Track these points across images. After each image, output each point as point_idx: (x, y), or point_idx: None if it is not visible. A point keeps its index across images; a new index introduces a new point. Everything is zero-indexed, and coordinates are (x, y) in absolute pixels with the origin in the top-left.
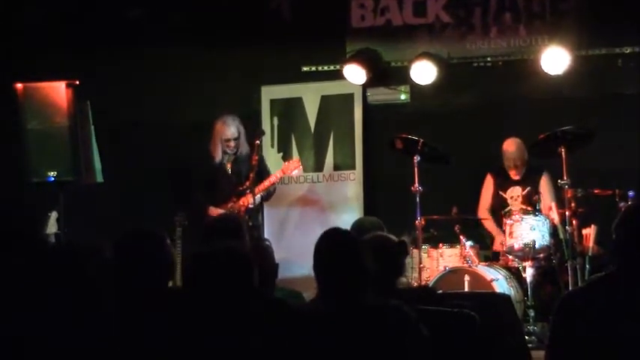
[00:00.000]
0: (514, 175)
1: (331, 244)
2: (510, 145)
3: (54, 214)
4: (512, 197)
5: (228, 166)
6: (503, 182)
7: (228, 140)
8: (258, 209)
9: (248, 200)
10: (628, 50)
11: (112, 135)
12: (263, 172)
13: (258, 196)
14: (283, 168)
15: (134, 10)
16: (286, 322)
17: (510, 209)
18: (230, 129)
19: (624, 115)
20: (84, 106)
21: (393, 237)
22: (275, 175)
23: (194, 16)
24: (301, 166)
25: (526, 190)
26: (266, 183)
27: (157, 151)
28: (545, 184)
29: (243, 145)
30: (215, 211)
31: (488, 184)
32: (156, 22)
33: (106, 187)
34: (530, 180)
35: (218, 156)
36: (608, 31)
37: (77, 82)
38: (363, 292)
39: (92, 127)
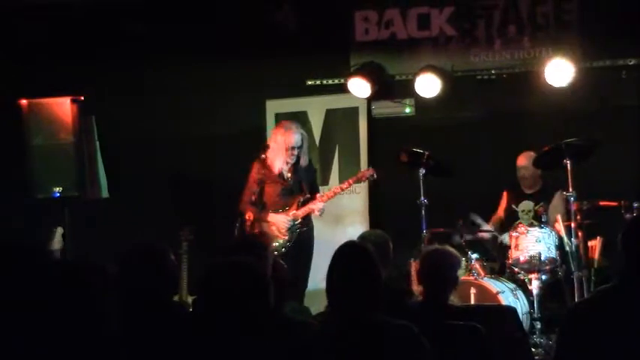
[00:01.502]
0: (527, 189)
1: (346, 258)
2: (522, 160)
3: (59, 230)
4: (523, 210)
5: (289, 175)
6: (517, 196)
7: (293, 148)
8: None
9: (313, 208)
10: (632, 62)
11: (117, 150)
12: (313, 185)
13: (321, 205)
14: (358, 175)
15: (137, 25)
16: (293, 339)
17: (518, 222)
18: (295, 137)
19: (629, 127)
20: (89, 121)
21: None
22: (348, 181)
23: (198, 31)
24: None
25: (539, 206)
26: (336, 190)
27: (162, 166)
28: (558, 201)
29: (305, 152)
30: (274, 217)
31: (504, 200)
32: (160, 37)
33: (112, 202)
34: (544, 196)
35: (277, 165)
36: (612, 42)
37: (82, 98)
38: (374, 307)
39: (97, 143)
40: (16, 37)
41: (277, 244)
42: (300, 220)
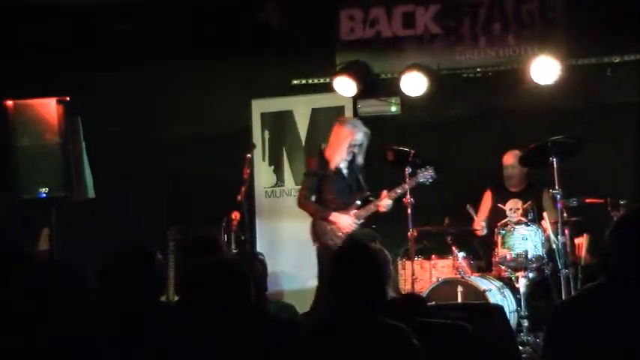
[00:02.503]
0: (513, 188)
1: (351, 257)
2: (509, 158)
3: (45, 231)
4: (511, 209)
5: (346, 172)
6: (503, 195)
7: (354, 146)
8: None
9: (380, 205)
10: (617, 59)
11: (103, 150)
12: (359, 183)
13: (390, 201)
14: (419, 175)
15: (121, 24)
16: (283, 337)
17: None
18: (359, 134)
19: (614, 124)
20: (75, 122)
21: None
22: (409, 181)
23: (184, 30)
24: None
25: (527, 204)
26: (398, 190)
27: (148, 166)
28: (549, 200)
29: (364, 150)
30: (337, 217)
31: (487, 199)
32: (145, 36)
33: (98, 202)
34: (531, 194)
35: (336, 161)
36: (597, 40)
37: (67, 99)
38: (373, 307)
39: (83, 143)
40: (1, 38)
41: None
42: (362, 221)
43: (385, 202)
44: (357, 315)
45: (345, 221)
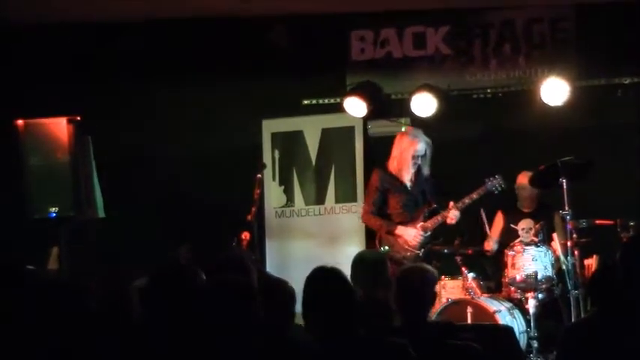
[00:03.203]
0: (525, 209)
1: (317, 283)
2: (523, 179)
3: (55, 250)
4: (523, 229)
5: (411, 185)
6: (515, 216)
7: (417, 157)
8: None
9: (448, 216)
10: (627, 81)
11: (113, 170)
12: (434, 195)
13: (457, 212)
14: (487, 184)
15: (133, 44)
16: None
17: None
18: (421, 145)
19: (624, 145)
20: (85, 141)
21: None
22: (477, 191)
23: (196, 50)
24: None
25: (539, 224)
26: (466, 200)
27: (159, 186)
28: (559, 221)
29: (428, 161)
30: (403, 230)
31: (498, 220)
32: (156, 56)
33: (108, 222)
34: (543, 215)
35: (403, 175)
36: (607, 61)
37: (78, 118)
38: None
39: (93, 163)
40: (11, 58)
41: (407, 259)
42: (429, 233)
43: (453, 214)
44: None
45: (411, 234)
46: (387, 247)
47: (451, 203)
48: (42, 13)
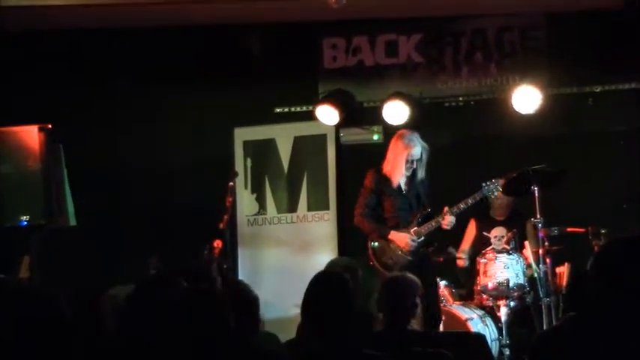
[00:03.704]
0: (498, 216)
1: (322, 288)
2: None
3: (26, 259)
4: (495, 237)
5: (406, 188)
6: (487, 224)
7: (412, 161)
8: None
9: (442, 222)
10: (598, 89)
11: (84, 178)
12: (428, 199)
13: (453, 218)
14: (483, 188)
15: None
16: None
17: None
18: (416, 149)
19: (595, 153)
20: (56, 149)
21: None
22: (473, 196)
23: (166, 58)
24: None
25: (511, 232)
26: (461, 205)
27: (130, 194)
28: (531, 229)
29: (423, 164)
30: (396, 235)
31: (471, 228)
32: (128, 64)
33: (79, 230)
34: (515, 222)
35: (396, 178)
36: (578, 70)
37: (49, 126)
38: (345, 335)
39: (65, 170)
40: None
41: (399, 265)
42: (423, 238)
43: (448, 219)
44: (338, 345)
45: (403, 239)
46: (376, 244)
47: (445, 208)
48: (10, 20)
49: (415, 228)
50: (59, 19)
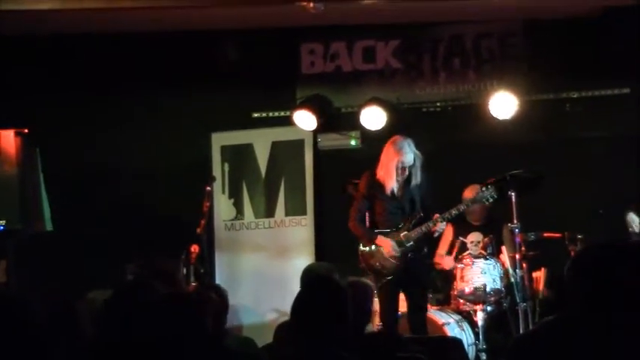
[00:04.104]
0: (474, 221)
1: (318, 291)
2: (470, 192)
3: (2, 264)
4: (472, 242)
5: (400, 193)
6: (464, 229)
7: (404, 168)
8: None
9: (432, 228)
10: (575, 95)
11: (61, 183)
12: (426, 204)
13: (444, 224)
14: (477, 194)
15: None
16: None
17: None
18: (407, 156)
19: (572, 159)
20: (33, 153)
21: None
22: (467, 202)
23: (145, 63)
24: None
25: (488, 238)
26: (453, 211)
27: (107, 199)
28: (508, 234)
29: (417, 171)
30: (383, 240)
31: (448, 233)
32: (105, 69)
33: (56, 235)
34: (492, 228)
35: (389, 184)
36: (555, 76)
37: (26, 131)
38: (336, 340)
39: (41, 175)
40: None
41: (386, 270)
42: (412, 243)
43: (439, 226)
44: (315, 350)
45: (389, 243)
46: (366, 248)
47: (436, 215)
48: None
49: (405, 232)
50: (35, 24)
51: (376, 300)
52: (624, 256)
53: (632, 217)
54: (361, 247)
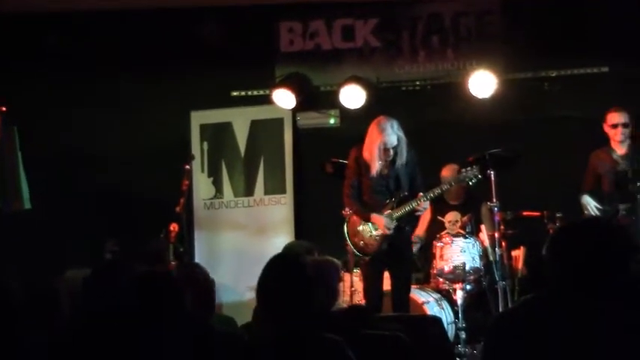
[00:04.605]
0: (452, 200)
1: (278, 270)
2: (448, 171)
3: None
4: (450, 221)
5: (385, 171)
6: (442, 208)
7: (387, 150)
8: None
9: (416, 207)
10: (554, 74)
11: (40, 162)
12: (413, 182)
13: (427, 203)
14: (461, 174)
15: (59, 35)
16: (222, 350)
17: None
18: (390, 138)
19: (551, 138)
20: (11, 132)
21: (330, 259)
22: (450, 181)
23: (123, 42)
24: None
25: (466, 217)
26: (436, 190)
27: (86, 178)
28: (486, 213)
29: (402, 151)
30: (378, 219)
31: (426, 212)
32: (83, 49)
33: (34, 214)
34: (470, 207)
35: (374, 166)
36: (534, 55)
37: (4, 109)
38: (303, 319)
39: (19, 154)
40: None
41: (369, 248)
42: (395, 222)
43: (423, 205)
44: (291, 329)
45: (381, 222)
46: (349, 227)
47: (420, 194)
48: None
49: (389, 211)
50: (14, 2)
51: (357, 279)
52: (598, 235)
53: (587, 199)
54: (345, 226)
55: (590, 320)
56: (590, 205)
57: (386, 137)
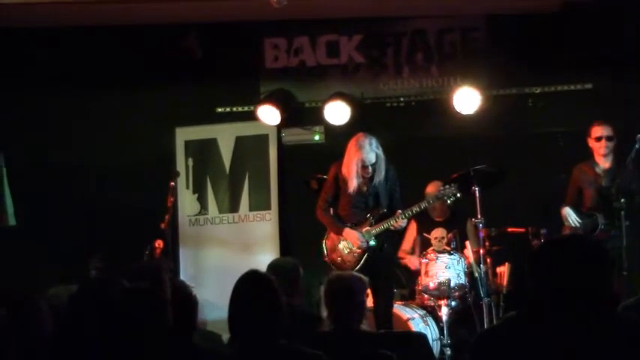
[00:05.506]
0: (437, 217)
1: (248, 287)
2: (432, 188)
3: None
4: (436, 238)
5: (364, 188)
6: (427, 225)
7: (365, 167)
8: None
9: (394, 225)
10: (538, 90)
11: (25, 178)
12: (393, 198)
13: (405, 220)
14: (439, 192)
15: (45, 51)
16: None
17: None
18: (368, 156)
19: (535, 154)
20: None
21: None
22: (428, 199)
23: (108, 58)
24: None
25: (452, 233)
26: (415, 208)
27: (72, 194)
28: (472, 229)
29: (380, 169)
30: (351, 233)
31: (411, 229)
32: (68, 64)
33: (19, 230)
34: (455, 223)
35: (352, 182)
36: (518, 71)
37: None
38: (276, 334)
39: (4, 169)
40: None
41: (347, 264)
42: (373, 239)
43: (401, 224)
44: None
45: (355, 237)
46: (328, 242)
47: (398, 211)
48: None
49: (367, 228)
50: None
51: None
52: (583, 252)
53: (567, 211)
54: (324, 241)
55: (570, 338)
56: (571, 217)
57: (364, 155)
